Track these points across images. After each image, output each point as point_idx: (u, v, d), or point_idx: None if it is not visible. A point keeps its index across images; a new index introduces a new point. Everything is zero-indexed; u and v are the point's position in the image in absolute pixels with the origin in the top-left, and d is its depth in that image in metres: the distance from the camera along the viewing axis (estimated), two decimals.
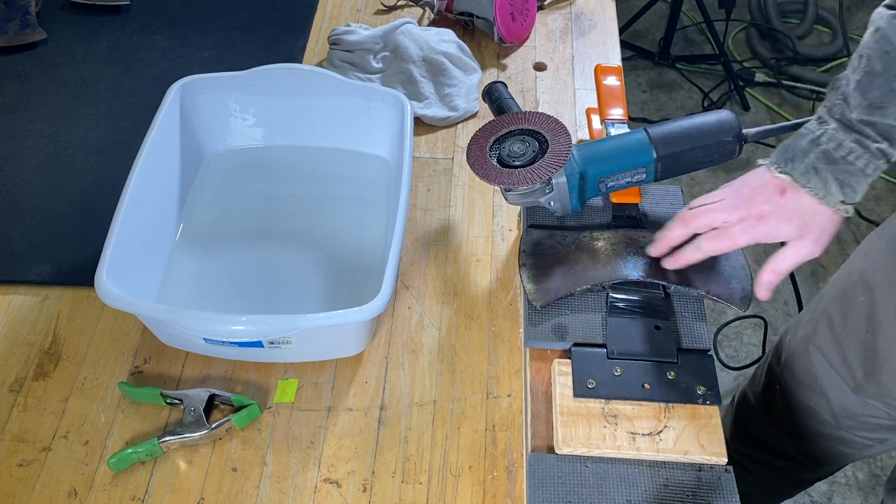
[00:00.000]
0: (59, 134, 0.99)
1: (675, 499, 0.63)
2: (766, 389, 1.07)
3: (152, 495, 0.68)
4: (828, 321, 0.91)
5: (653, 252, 0.74)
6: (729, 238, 0.69)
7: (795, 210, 0.67)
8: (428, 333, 0.80)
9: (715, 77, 2.39)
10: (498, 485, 0.69)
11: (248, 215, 0.90)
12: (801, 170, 0.67)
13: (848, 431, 0.96)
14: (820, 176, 0.66)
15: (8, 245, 0.86)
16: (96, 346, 0.79)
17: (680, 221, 0.72)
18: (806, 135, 0.68)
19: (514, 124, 0.75)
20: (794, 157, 0.67)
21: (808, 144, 0.67)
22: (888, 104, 0.63)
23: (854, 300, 0.86)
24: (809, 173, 0.66)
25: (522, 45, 1.13)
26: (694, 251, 0.71)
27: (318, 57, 1.10)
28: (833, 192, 0.66)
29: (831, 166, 0.66)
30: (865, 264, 0.86)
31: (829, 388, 0.93)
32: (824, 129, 0.66)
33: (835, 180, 0.66)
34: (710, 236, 0.70)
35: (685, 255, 0.72)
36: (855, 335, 0.87)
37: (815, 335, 0.94)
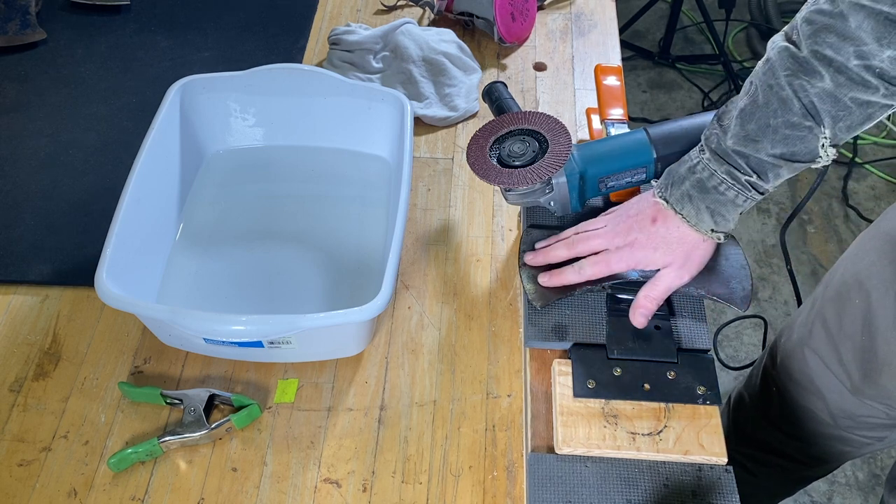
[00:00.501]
0: (59, 134, 0.99)
1: (675, 499, 0.63)
2: (763, 391, 1.07)
3: (152, 495, 0.69)
4: (823, 323, 0.91)
5: (530, 260, 0.76)
6: (606, 264, 0.72)
7: (664, 238, 0.70)
8: (428, 333, 0.80)
9: (715, 77, 2.39)
10: (498, 485, 0.69)
11: (248, 215, 0.90)
12: (677, 196, 0.68)
13: (847, 431, 0.96)
14: (693, 204, 0.67)
15: (8, 245, 0.86)
16: (96, 346, 0.79)
17: (565, 244, 0.74)
18: (685, 161, 0.69)
19: (514, 124, 0.75)
20: (673, 183, 0.69)
21: (686, 172, 0.68)
22: (762, 138, 0.63)
23: (849, 302, 0.86)
24: (684, 200, 0.68)
25: (522, 45, 1.13)
26: (574, 273, 0.73)
27: (318, 57, 1.10)
28: (705, 220, 0.68)
29: (703, 195, 0.67)
30: (860, 266, 0.86)
31: (826, 390, 0.93)
32: (700, 158, 0.67)
33: (706, 209, 0.67)
34: (591, 261, 0.72)
35: (565, 275, 0.73)
36: (851, 337, 0.87)
37: (810, 337, 0.94)
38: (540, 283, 0.74)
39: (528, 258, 0.76)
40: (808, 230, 2.00)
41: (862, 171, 2.18)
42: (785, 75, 0.61)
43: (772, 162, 0.64)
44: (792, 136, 0.62)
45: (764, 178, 0.65)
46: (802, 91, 0.60)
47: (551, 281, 0.74)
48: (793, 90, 0.61)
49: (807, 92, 0.60)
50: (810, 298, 0.98)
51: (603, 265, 0.72)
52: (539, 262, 0.76)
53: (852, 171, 2.15)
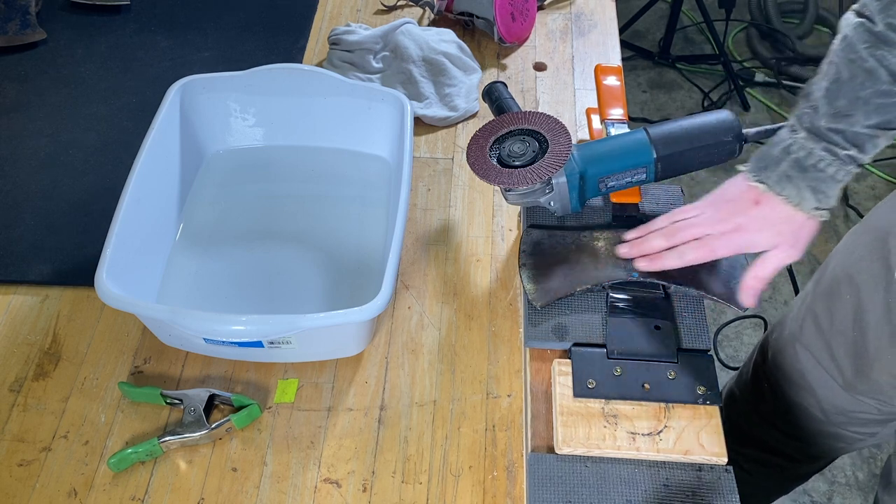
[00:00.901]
0: (59, 134, 0.99)
1: (675, 499, 0.63)
2: (754, 387, 1.07)
3: (152, 495, 0.68)
4: (814, 319, 0.91)
5: (623, 253, 0.75)
6: (710, 249, 0.71)
7: (769, 219, 0.69)
8: (428, 333, 0.80)
9: (715, 77, 2.39)
10: (498, 485, 0.69)
11: (248, 215, 0.90)
12: (775, 178, 0.68)
13: (838, 427, 0.96)
14: (793, 184, 0.67)
15: (8, 245, 0.86)
16: (96, 346, 0.79)
17: (662, 234, 0.74)
18: (778, 143, 0.69)
19: (514, 124, 0.75)
20: (768, 166, 0.69)
21: (780, 153, 0.68)
22: (854, 112, 0.64)
23: (840, 298, 0.87)
24: (783, 182, 0.68)
25: (522, 45, 1.13)
26: (675, 258, 0.72)
27: (318, 57, 1.10)
28: (807, 198, 0.67)
29: (803, 174, 0.67)
30: (849, 261, 0.87)
31: (817, 386, 0.94)
32: (794, 139, 0.67)
33: (808, 188, 0.67)
34: (693, 246, 0.72)
35: (666, 260, 0.73)
36: (842, 333, 0.87)
37: (801, 333, 0.94)
38: (637, 267, 0.74)
39: (621, 251, 0.75)
40: None
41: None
42: (865, 48, 0.62)
43: (868, 133, 0.65)
44: (884, 104, 0.63)
45: (862, 150, 0.66)
46: (885, 60, 0.62)
47: (651, 265, 0.73)
48: (876, 60, 0.62)
49: (889, 61, 0.62)
50: (801, 294, 0.98)
51: (706, 250, 0.71)
52: (634, 254, 0.75)
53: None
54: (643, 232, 0.76)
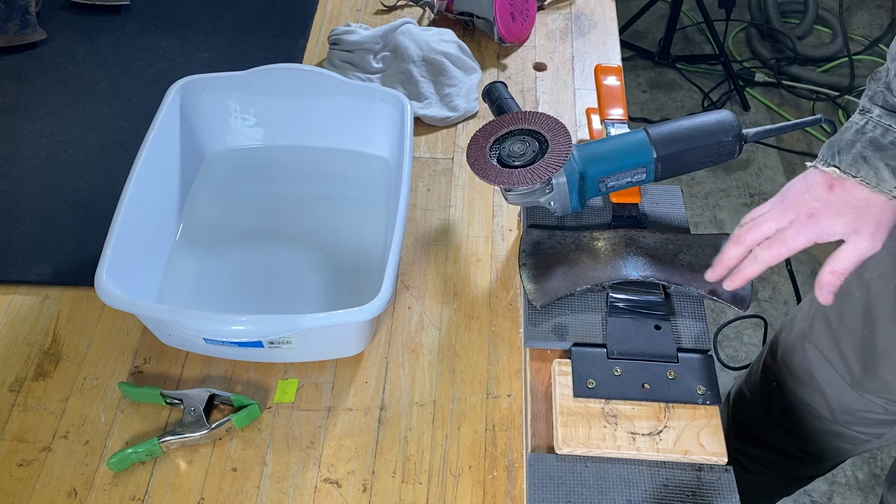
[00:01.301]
0: (59, 134, 0.99)
1: (675, 499, 0.63)
2: (763, 386, 1.07)
3: (152, 495, 0.68)
4: (824, 317, 0.91)
5: (711, 277, 0.73)
6: (783, 243, 0.67)
7: (847, 202, 0.65)
8: (428, 333, 0.80)
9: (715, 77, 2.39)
10: (498, 485, 0.69)
11: (248, 215, 0.90)
12: (849, 161, 0.65)
13: (845, 426, 0.96)
14: (869, 164, 0.64)
15: (8, 245, 0.86)
16: (96, 346, 0.79)
17: (734, 241, 0.70)
18: (850, 127, 0.66)
19: (514, 124, 0.75)
20: (841, 150, 0.65)
21: (854, 135, 0.65)
22: None
23: (850, 296, 0.86)
24: (858, 163, 0.64)
25: (522, 45, 1.13)
26: (752, 265, 0.69)
27: (318, 57, 1.10)
28: (886, 178, 0.64)
29: (880, 153, 0.64)
30: None
31: (826, 385, 0.93)
32: (868, 118, 0.65)
33: (886, 167, 0.63)
34: (765, 245, 0.68)
35: (744, 271, 0.70)
36: (852, 331, 0.87)
37: (811, 331, 0.94)
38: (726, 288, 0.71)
39: (709, 276, 0.73)
40: None
41: None
42: None
43: None
44: None
45: None
46: None
47: (734, 284, 0.70)
48: None
49: None
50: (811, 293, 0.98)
51: (780, 246, 0.67)
52: (721, 274, 0.72)
53: None
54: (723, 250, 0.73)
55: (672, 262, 0.75)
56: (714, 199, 2.08)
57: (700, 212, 2.05)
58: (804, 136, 2.24)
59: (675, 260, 0.75)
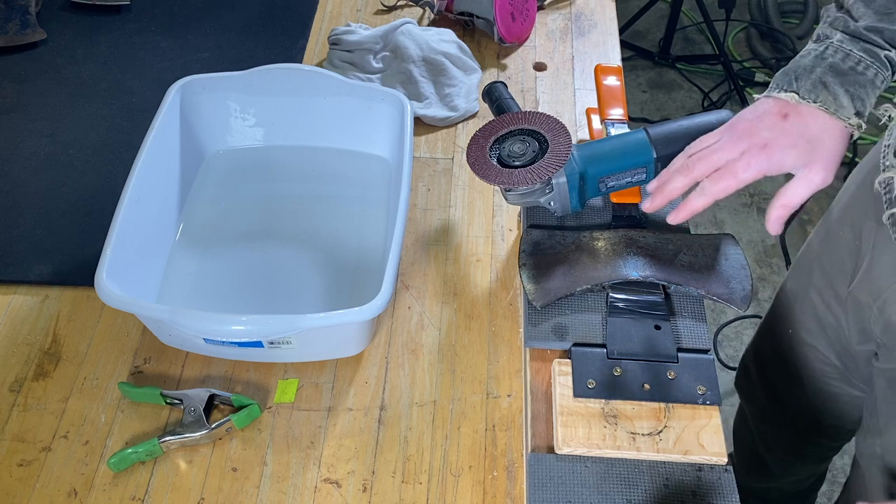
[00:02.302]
0: (59, 134, 0.99)
1: (675, 499, 0.63)
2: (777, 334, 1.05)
3: (152, 495, 0.69)
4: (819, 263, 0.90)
5: (648, 206, 0.71)
6: (733, 175, 0.65)
7: (801, 134, 0.64)
8: (428, 333, 0.80)
9: (715, 77, 2.39)
10: (498, 485, 0.69)
11: (248, 215, 0.90)
12: (808, 86, 0.64)
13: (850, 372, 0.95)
14: (829, 90, 0.63)
15: (8, 245, 0.86)
16: (96, 346, 0.79)
17: (680, 171, 0.68)
18: (807, 53, 0.65)
19: (514, 124, 0.75)
20: (799, 76, 0.64)
21: (813, 60, 0.64)
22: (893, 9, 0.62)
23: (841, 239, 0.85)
24: (818, 88, 0.63)
25: (522, 45, 1.13)
26: (699, 197, 0.67)
27: (318, 57, 1.10)
28: (845, 104, 0.63)
29: (840, 78, 0.63)
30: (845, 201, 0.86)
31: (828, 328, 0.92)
32: (828, 43, 0.64)
33: (845, 93, 0.63)
34: (714, 178, 0.66)
35: (690, 203, 0.67)
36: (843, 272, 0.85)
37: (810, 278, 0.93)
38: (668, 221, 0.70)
39: (645, 206, 0.71)
40: (808, 230, 1.99)
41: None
42: None
43: None
44: None
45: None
46: None
47: (678, 216, 0.68)
48: None
49: None
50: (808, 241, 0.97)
51: (729, 177, 0.65)
52: (658, 204, 0.70)
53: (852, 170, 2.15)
54: (663, 177, 0.70)
55: (672, 262, 0.75)
56: None
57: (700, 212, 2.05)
58: None
59: (675, 260, 0.75)
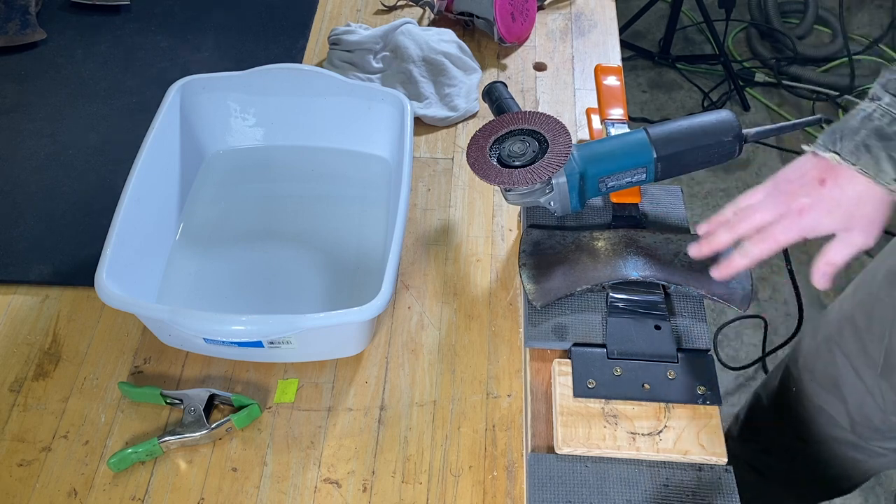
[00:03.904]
0: (59, 134, 0.99)
1: (675, 499, 0.63)
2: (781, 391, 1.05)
3: (152, 495, 0.68)
4: (852, 324, 0.89)
5: (695, 253, 0.71)
6: (772, 239, 0.66)
7: (838, 201, 0.63)
8: (428, 333, 0.80)
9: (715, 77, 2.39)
10: (498, 485, 0.69)
11: (248, 215, 0.90)
12: (850, 148, 0.62)
13: (861, 438, 0.94)
14: (871, 153, 0.61)
15: (8, 245, 0.86)
16: (96, 346, 0.79)
17: (726, 227, 0.69)
18: (857, 113, 0.64)
19: (514, 124, 0.75)
20: (843, 136, 0.63)
21: (860, 122, 0.63)
22: None
23: (879, 301, 0.84)
24: (860, 151, 0.62)
25: (522, 45, 1.13)
26: (742, 258, 0.68)
27: (318, 57, 1.10)
28: (886, 169, 0.61)
29: (884, 143, 0.61)
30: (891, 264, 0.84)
31: (849, 392, 0.91)
32: (877, 105, 0.63)
33: (888, 158, 0.61)
34: (755, 240, 0.67)
35: (735, 263, 0.68)
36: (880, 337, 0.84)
37: (839, 337, 0.91)
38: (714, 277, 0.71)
39: (692, 252, 0.71)
40: None
41: None
42: None
43: None
44: None
45: None
46: None
47: (722, 273, 0.69)
48: None
49: None
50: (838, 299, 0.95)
51: (770, 241, 0.66)
52: (706, 254, 0.70)
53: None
54: (712, 225, 0.71)
55: (672, 262, 0.75)
56: (714, 199, 2.08)
57: (700, 212, 2.05)
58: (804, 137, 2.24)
59: (675, 260, 0.75)
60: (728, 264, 0.69)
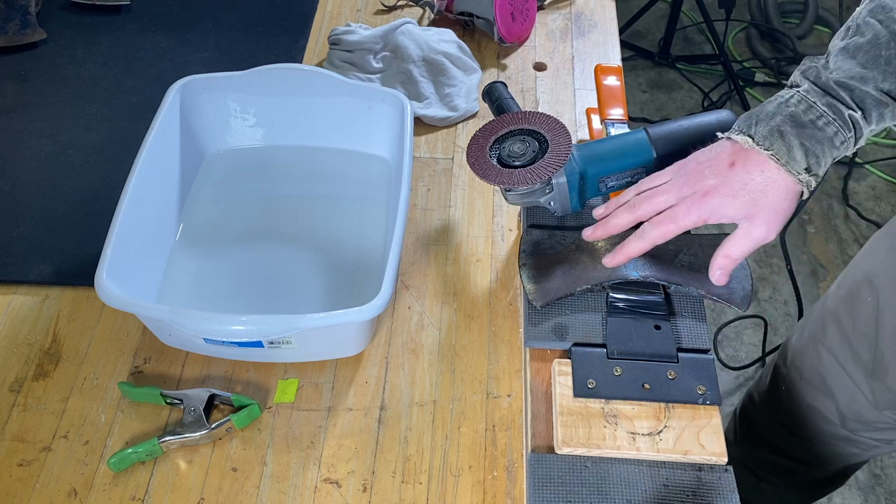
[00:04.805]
0: (59, 134, 0.99)
1: (675, 499, 0.63)
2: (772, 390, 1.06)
3: (152, 495, 0.69)
4: (836, 321, 0.90)
5: (590, 235, 0.69)
6: (672, 220, 0.64)
7: (744, 184, 0.62)
8: (428, 333, 0.80)
9: (715, 77, 2.39)
10: (498, 485, 0.69)
11: (248, 215, 0.90)
12: (764, 132, 0.62)
13: (854, 433, 0.95)
14: (784, 140, 0.61)
15: (8, 245, 0.86)
16: (96, 346, 0.79)
17: (626, 208, 0.67)
18: (773, 100, 0.63)
19: (514, 124, 0.75)
20: (759, 121, 0.62)
21: (776, 107, 0.62)
22: (871, 69, 0.59)
23: (862, 300, 0.85)
24: (773, 136, 0.61)
25: (522, 45, 1.13)
26: (637, 241, 0.66)
27: (318, 57, 1.10)
28: (797, 158, 0.61)
29: (798, 129, 0.61)
30: (871, 264, 0.85)
31: (837, 389, 0.92)
32: (794, 91, 0.62)
33: (800, 146, 0.60)
34: (655, 222, 0.65)
35: (629, 247, 0.66)
36: (866, 335, 0.85)
37: (823, 335, 0.92)
38: (605, 264, 0.69)
39: (586, 234, 0.69)
40: (808, 230, 2.00)
41: (862, 171, 2.18)
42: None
43: (878, 98, 0.60)
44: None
45: (867, 117, 0.60)
46: None
47: (615, 259, 0.67)
48: None
49: None
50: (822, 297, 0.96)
51: (669, 223, 0.64)
52: (599, 236, 0.69)
53: (852, 171, 2.16)
54: (610, 208, 0.69)
55: (672, 262, 0.75)
56: None
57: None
58: None
59: (675, 260, 0.76)
60: (622, 249, 0.67)
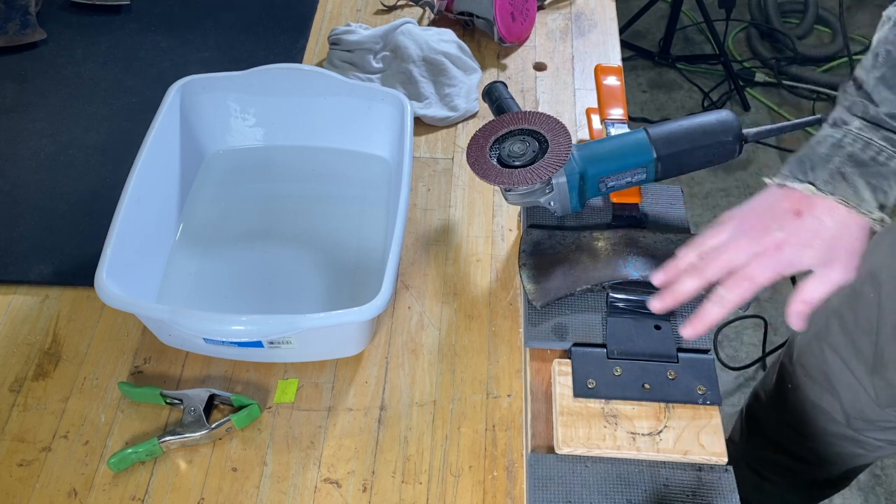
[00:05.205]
0: (59, 134, 0.99)
1: (675, 499, 0.63)
2: (778, 388, 1.06)
3: (152, 495, 0.68)
4: (839, 318, 0.89)
5: (658, 308, 0.65)
6: (750, 280, 0.61)
7: (816, 232, 0.59)
8: (428, 333, 0.80)
9: (715, 77, 2.39)
10: (498, 485, 0.69)
11: (248, 215, 0.90)
12: (825, 177, 0.59)
13: (858, 432, 0.95)
14: (849, 182, 0.59)
15: (8, 245, 0.86)
16: (96, 346, 0.79)
17: (693, 274, 0.63)
18: (822, 141, 0.61)
19: (514, 124, 0.75)
20: (815, 166, 0.60)
21: (830, 149, 0.60)
22: None
23: (864, 297, 0.85)
24: (836, 179, 0.59)
25: (522, 45, 1.13)
26: (717, 307, 0.62)
27: (318, 57, 1.10)
28: (866, 198, 0.59)
29: (861, 169, 0.59)
30: (873, 260, 0.84)
31: (841, 388, 0.92)
32: (846, 131, 0.60)
33: (867, 185, 0.58)
34: (730, 285, 0.61)
35: (708, 315, 0.62)
36: (867, 332, 0.85)
37: (826, 332, 0.92)
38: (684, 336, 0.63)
39: (655, 307, 0.65)
40: None
41: None
42: None
43: None
44: None
45: None
46: None
47: (696, 330, 0.62)
48: None
49: None
50: None
51: (747, 284, 0.60)
52: (670, 306, 0.64)
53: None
54: (671, 273, 0.65)
55: None
56: (714, 199, 2.08)
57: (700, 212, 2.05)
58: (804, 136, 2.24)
59: None
60: (701, 317, 0.62)
